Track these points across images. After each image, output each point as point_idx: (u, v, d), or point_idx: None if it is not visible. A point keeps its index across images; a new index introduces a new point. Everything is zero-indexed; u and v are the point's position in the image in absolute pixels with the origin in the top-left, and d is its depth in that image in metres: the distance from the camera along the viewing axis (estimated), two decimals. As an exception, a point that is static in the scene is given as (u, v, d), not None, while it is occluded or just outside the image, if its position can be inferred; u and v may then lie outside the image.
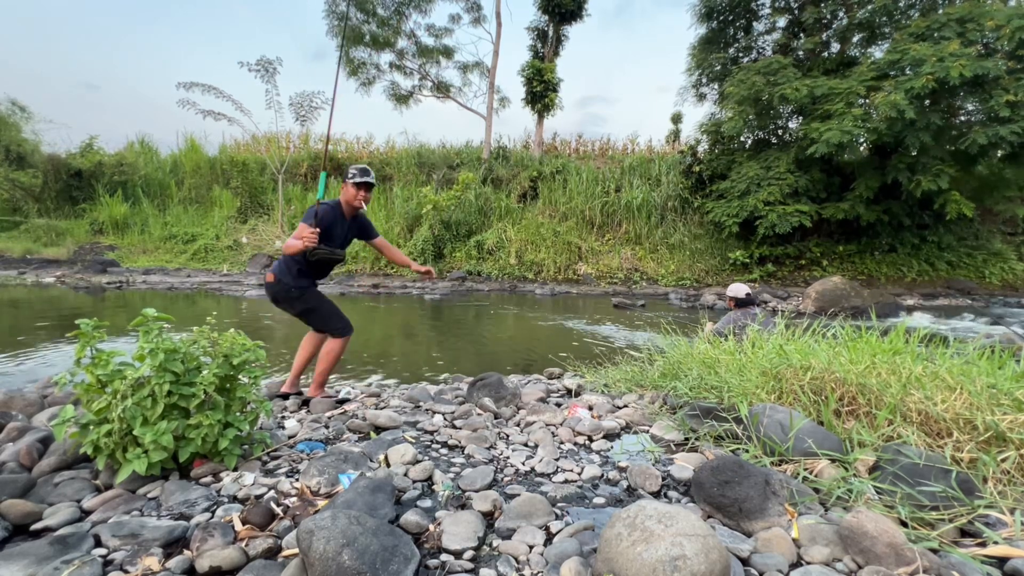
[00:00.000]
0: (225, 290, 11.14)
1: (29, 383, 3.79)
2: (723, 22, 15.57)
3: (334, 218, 2.96)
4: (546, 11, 17.06)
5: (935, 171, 11.16)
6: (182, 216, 16.45)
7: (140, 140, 18.95)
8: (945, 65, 10.10)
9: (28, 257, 14.56)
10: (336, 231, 2.98)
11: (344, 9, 17.06)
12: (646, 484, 1.90)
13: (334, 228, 2.96)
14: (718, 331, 4.02)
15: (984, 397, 1.98)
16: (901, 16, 13.05)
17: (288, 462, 2.07)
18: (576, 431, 2.45)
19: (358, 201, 2.99)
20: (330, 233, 2.93)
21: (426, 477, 1.93)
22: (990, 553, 1.40)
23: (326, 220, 2.89)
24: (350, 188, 2.98)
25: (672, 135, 19.54)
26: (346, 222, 3.05)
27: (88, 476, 1.87)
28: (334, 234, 2.97)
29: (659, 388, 3.10)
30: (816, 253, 13.61)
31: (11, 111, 16.78)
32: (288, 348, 5.57)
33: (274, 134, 17.05)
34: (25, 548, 1.40)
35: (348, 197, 2.99)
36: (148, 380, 1.84)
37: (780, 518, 1.58)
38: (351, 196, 2.98)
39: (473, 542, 1.49)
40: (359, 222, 3.17)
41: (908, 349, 2.50)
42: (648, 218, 14.95)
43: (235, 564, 1.37)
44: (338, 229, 3.00)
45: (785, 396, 2.39)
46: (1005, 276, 13.06)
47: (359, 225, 3.17)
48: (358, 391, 3.37)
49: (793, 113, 13.78)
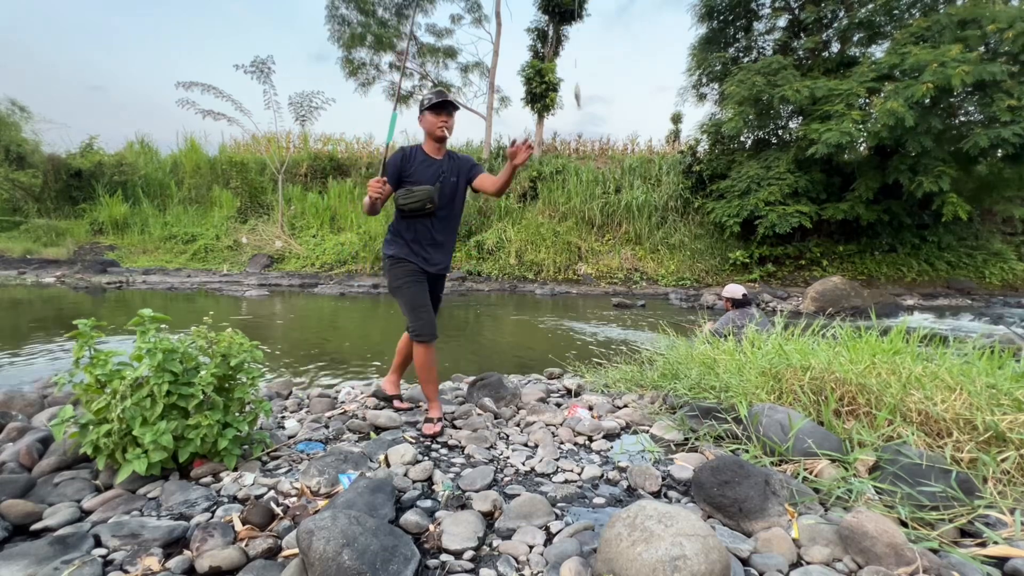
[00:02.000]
0: (225, 290, 11.14)
1: (29, 383, 3.79)
2: (723, 22, 15.58)
3: (413, 159, 2.45)
4: (546, 11, 17.05)
5: (936, 172, 11.16)
6: (182, 216, 16.44)
7: (140, 140, 18.95)
8: (947, 72, 10.07)
9: (28, 257, 14.55)
10: (421, 174, 2.44)
11: (343, 12, 17.04)
12: (646, 484, 1.90)
13: (418, 171, 2.44)
14: (716, 331, 4.03)
15: (984, 397, 1.98)
16: (902, 15, 13.05)
17: (288, 462, 2.07)
18: (576, 431, 2.45)
19: (440, 130, 2.42)
20: (414, 178, 2.43)
21: (426, 477, 1.93)
22: (990, 553, 1.40)
23: (396, 164, 2.42)
24: (428, 117, 2.43)
25: (672, 135, 19.54)
26: (436, 161, 2.48)
27: (88, 476, 1.87)
28: (420, 177, 2.43)
29: (659, 388, 3.10)
30: (816, 253, 13.61)
31: (11, 111, 16.77)
32: (288, 348, 5.57)
33: (274, 134, 17.04)
34: (25, 548, 1.40)
35: (430, 127, 2.44)
36: (147, 380, 1.84)
37: (780, 518, 1.58)
38: (431, 125, 2.43)
39: (473, 542, 1.49)
40: (457, 161, 2.55)
41: (908, 349, 2.50)
42: (648, 218, 14.95)
43: (235, 564, 1.37)
44: (424, 171, 2.44)
45: (785, 396, 2.39)
46: (1005, 276, 13.07)
47: (458, 164, 2.54)
48: (358, 391, 3.37)
49: (793, 113, 13.78)
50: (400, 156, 2.47)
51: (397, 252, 2.50)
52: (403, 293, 2.47)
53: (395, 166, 2.44)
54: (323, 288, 11.93)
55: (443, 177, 2.47)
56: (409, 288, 2.47)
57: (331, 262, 14.30)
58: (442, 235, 2.55)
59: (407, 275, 2.48)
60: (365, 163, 18.14)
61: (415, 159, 2.46)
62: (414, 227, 2.48)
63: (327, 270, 14.08)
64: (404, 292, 2.47)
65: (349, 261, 14.24)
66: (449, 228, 2.58)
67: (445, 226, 2.55)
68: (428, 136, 2.48)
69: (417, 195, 2.40)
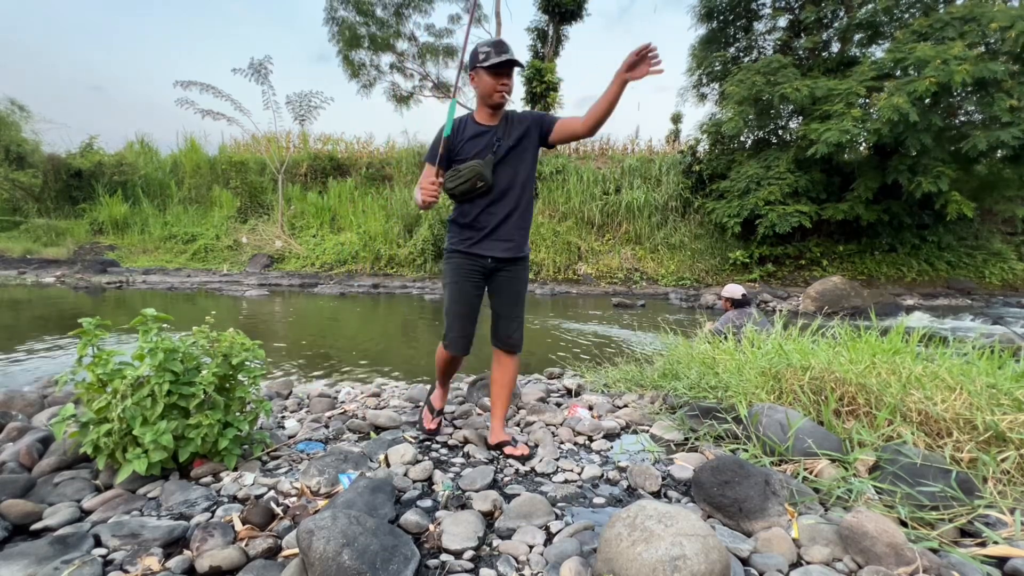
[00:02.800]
0: (225, 290, 11.14)
1: (29, 383, 3.79)
2: (723, 22, 15.57)
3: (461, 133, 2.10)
4: (546, 11, 17.05)
5: (935, 172, 11.17)
6: (182, 216, 16.45)
7: (140, 140, 18.97)
8: (949, 69, 10.08)
9: (28, 257, 14.56)
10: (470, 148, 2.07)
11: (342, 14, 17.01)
12: (646, 484, 1.90)
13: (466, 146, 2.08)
14: (716, 331, 4.03)
15: (984, 397, 1.98)
16: (902, 15, 13.05)
17: (288, 462, 2.07)
18: (576, 431, 2.45)
19: (500, 94, 2.02)
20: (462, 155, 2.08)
21: (426, 477, 1.93)
22: (990, 553, 1.40)
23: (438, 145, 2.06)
24: (484, 77, 2.01)
25: (672, 135, 19.53)
26: (489, 129, 2.08)
27: (88, 476, 1.87)
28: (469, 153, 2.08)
29: (659, 388, 3.10)
30: (816, 253, 13.61)
31: (10, 111, 16.78)
32: (288, 348, 5.57)
33: (274, 134, 17.05)
34: (25, 548, 1.40)
35: (485, 91, 2.03)
36: (148, 380, 1.84)
37: (780, 518, 1.58)
38: (488, 88, 2.01)
39: (473, 542, 1.49)
40: (518, 121, 2.11)
41: (908, 349, 2.50)
42: (648, 218, 14.95)
43: (235, 564, 1.37)
44: (473, 144, 2.08)
45: (785, 396, 2.39)
46: (1005, 276, 13.07)
47: (519, 124, 2.10)
48: (358, 391, 3.37)
49: (793, 113, 13.79)
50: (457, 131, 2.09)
51: (449, 243, 2.19)
52: (446, 295, 2.19)
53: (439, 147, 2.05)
54: (323, 288, 11.93)
55: (497, 146, 2.05)
56: (450, 289, 2.17)
57: (331, 262, 14.31)
58: (502, 211, 2.09)
59: (453, 273, 2.15)
60: (365, 163, 18.14)
61: (463, 133, 2.09)
62: (468, 210, 2.10)
63: (327, 270, 14.09)
64: (446, 294, 2.18)
65: (349, 261, 14.24)
66: (511, 202, 2.10)
67: (506, 200, 2.09)
68: (482, 102, 2.07)
69: (463, 175, 2.02)
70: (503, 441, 2.18)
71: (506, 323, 2.21)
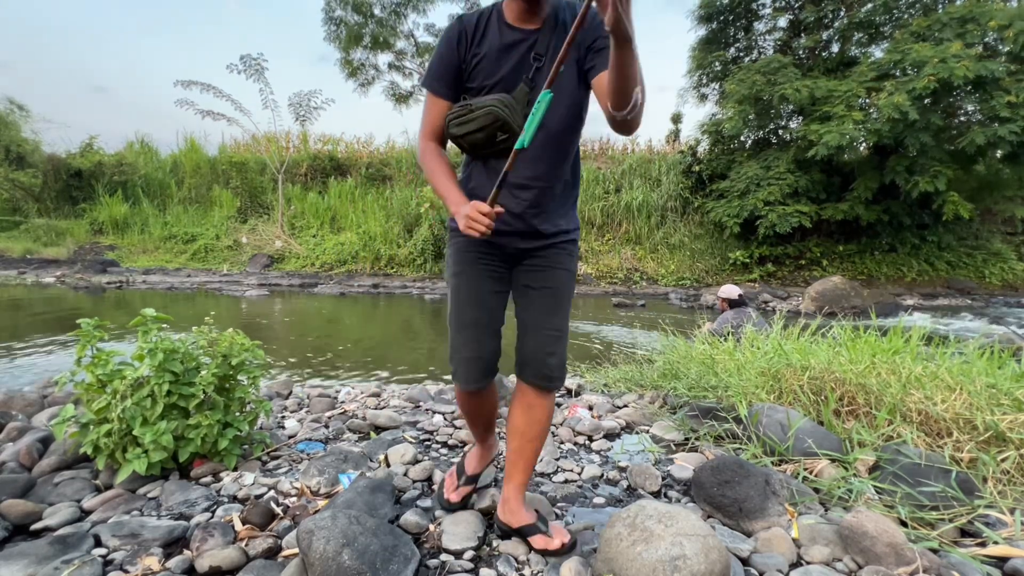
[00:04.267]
0: (225, 290, 11.14)
1: (29, 383, 3.79)
2: (723, 22, 15.57)
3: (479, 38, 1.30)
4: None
5: (933, 172, 11.18)
6: (182, 216, 16.44)
7: (140, 140, 18.94)
8: (948, 66, 10.09)
9: (28, 257, 14.55)
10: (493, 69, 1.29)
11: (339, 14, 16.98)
12: (646, 484, 1.90)
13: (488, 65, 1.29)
14: (715, 331, 4.03)
15: (984, 397, 1.98)
16: (902, 15, 13.06)
17: (288, 462, 2.07)
18: (576, 431, 2.45)
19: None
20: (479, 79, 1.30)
21: (426, 477, 1.93)
22: (990, 553, 1.40)
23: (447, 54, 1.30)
24: None
25: (672, 135, 19.51)
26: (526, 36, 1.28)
27: (88, 476, 1.87)
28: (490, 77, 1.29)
29: (659, 388, 3.10)
30: (816, 253, 13.61)
31: (10, 110, 16.78)
32: (288, 348, 5.57)
33: (273, 134, 17.04)
34: (25, 548, 1.40)
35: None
36: (147, 380, 1.84)
37: (780, 518, 1.58)
38: None
39: (473, 542, 1.49)
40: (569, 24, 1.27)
41: (908, 349, 2.50)
42: (648, 218, 14.95)
43: (235, 564, 1.37)
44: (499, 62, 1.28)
45: (784, 396, 2.39)
46: (1005, 276, 13.07)
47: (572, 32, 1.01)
48: (358, 391, 3.37)
49: (793, 113, 13.79)
50: (456, 35, 1.30)
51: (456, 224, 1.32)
52: (449, 296, 1.47)
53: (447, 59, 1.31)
54: (323, 288, 11.93)
55: (536, 69, 1.26)
56: (454, 286, 1.45)
57: (331, 262, 14.30)
58: (532, 171, 1.32)
59: (458, 261, 1.43)
60: (365, 163, 18.14)
61: (485, 37, 1.29)
62: (480, 168, 1.36)
63: (327, 270, 14.08)
64: (450, 294, 1.47)
65: (349, 261, 14.24)
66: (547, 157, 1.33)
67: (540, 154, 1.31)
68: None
69: (476, 118, 1.24)
70: (527, 525, 1.45)
71: (537, 338, 1.43)
